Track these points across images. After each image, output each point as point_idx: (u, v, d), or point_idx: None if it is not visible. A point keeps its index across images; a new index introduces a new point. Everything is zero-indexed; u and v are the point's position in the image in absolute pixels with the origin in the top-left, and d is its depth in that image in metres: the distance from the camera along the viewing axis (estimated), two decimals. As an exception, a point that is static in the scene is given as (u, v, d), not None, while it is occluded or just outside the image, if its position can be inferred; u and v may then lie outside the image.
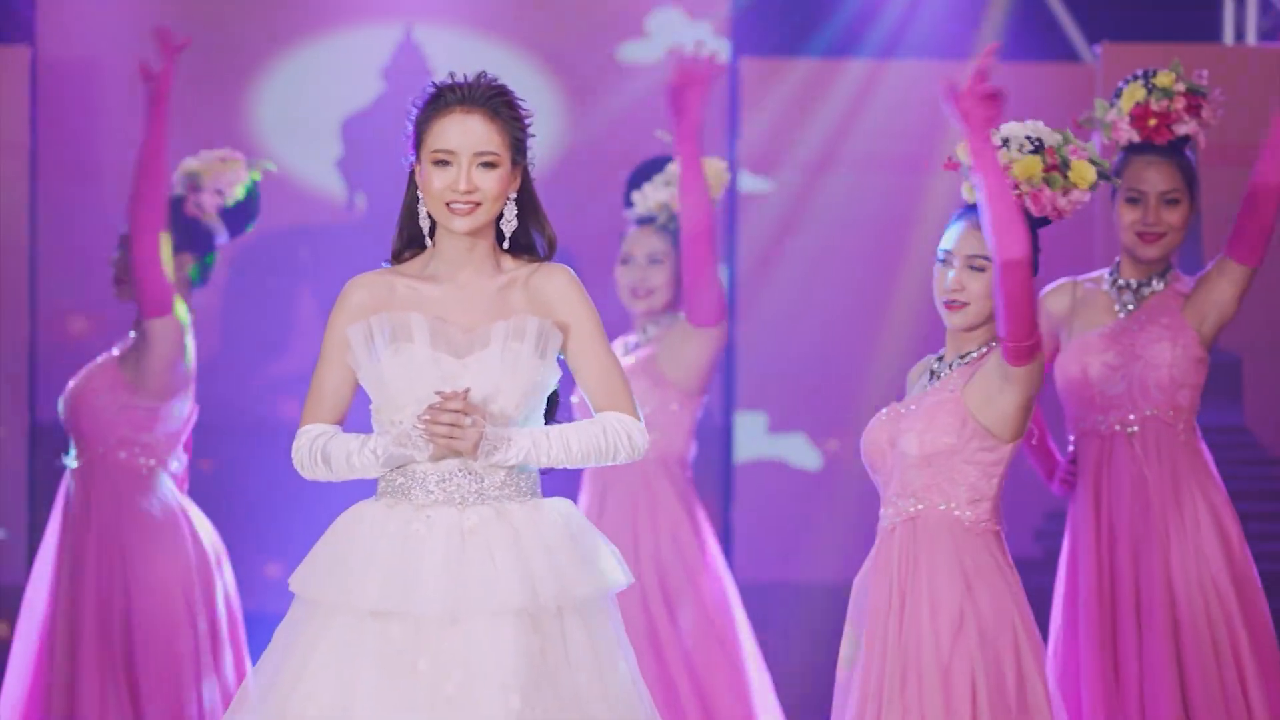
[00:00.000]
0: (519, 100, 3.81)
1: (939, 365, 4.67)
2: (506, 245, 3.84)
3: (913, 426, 4.55)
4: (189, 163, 5.83)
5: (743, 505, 6.89)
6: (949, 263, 4.56)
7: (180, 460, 5.78)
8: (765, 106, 7.98)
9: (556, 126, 7.91)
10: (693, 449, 5.79)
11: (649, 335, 5.81)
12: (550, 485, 3.85)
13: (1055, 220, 4.47)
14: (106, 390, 5.67)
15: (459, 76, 3.80)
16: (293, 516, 6.84)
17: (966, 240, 4.55)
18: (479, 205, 3.77)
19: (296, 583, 3.81)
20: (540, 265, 3.87)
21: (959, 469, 4.50)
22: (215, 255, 5.85)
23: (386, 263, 3.91)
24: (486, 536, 3.73)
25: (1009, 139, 4.43)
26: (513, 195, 3.80)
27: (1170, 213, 5.34)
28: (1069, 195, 4.39)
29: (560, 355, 3.84)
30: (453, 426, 3.65)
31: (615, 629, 3.77)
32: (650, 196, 5.57)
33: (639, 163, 5.95)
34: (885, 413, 4.67)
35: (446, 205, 3.78)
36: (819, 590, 6.45)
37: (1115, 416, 5.38)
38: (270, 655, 3.81)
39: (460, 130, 3.74)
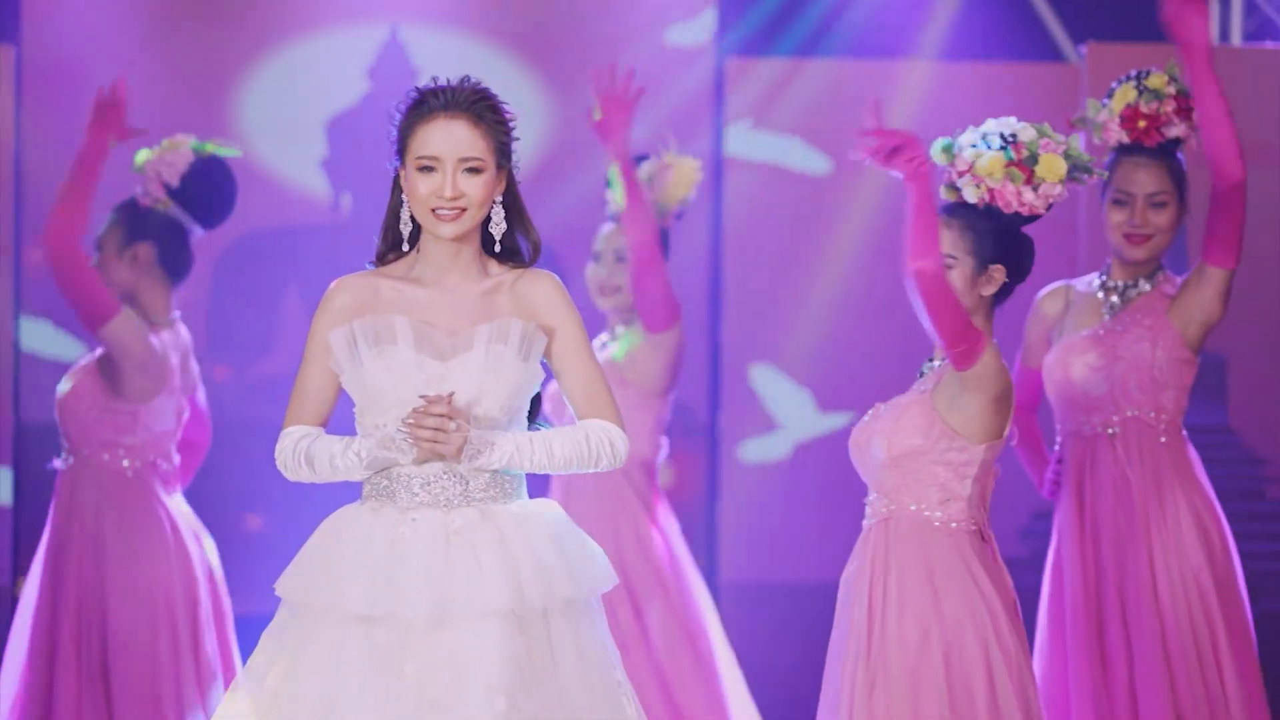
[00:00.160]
0: (503, 104, 3.81)
1: (927, 365, 4.68)
2: (498, 248, 3.85)
3: (882, 428, 4.57)
4: (141, 153, 5.79)
5: (737, 504, 6.91)
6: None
7: (171, 461, 5.74)
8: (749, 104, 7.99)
9: (544, 126, 7.91)
10: (661, 449, 5.77)
11: (616, 335, 5.81)
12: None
13: (1028, 214, 4.48)
14: (88, 394, 5.65)
15: (442, 80, 3.80)
16: (279, 518, 6.84)
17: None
18: (464, 211, 3.77)
19: (282, 587, 3.81)
20: (526, 270, 3.87)
21: (928, 470, 4.50)
22: (188, 249, 5.78)
23: (371, 264, 3.91)
24: (472, 538, 3.73)
25: (987, 134, 4.47)
26: (498, 199, 3.80)
27: (1158, 215, 5.34)
28: (1039, 190, 4.40)
29: (544, 360, 3.85)
30: (437, 430, 3.65)
31: (601, 630, 3.77)
32: (621, 197, 5.57)
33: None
34: (870, 413, 4.68)
35: (432, 211, 3.78)
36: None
37: (1098, 418, 5.38)
38: (257, 659, 3.81)
39: (444, 136, 3.74)
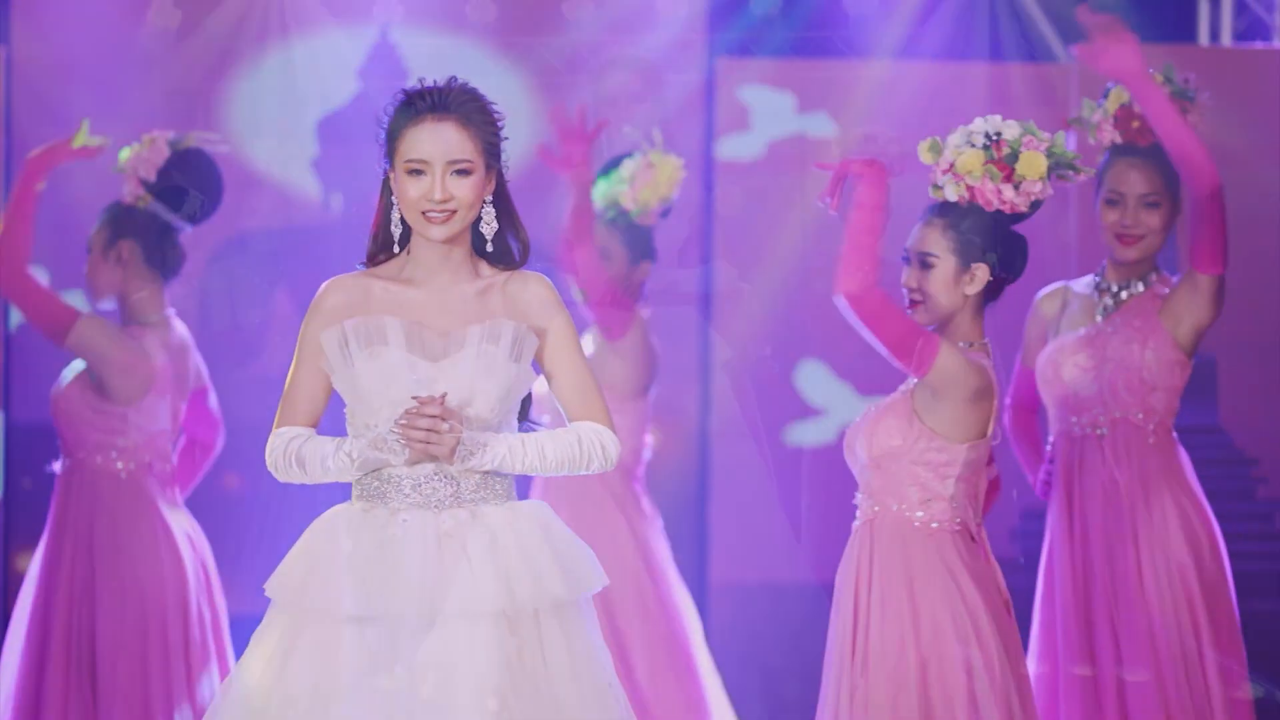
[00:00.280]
0: (491, 104, 3.81)
1: None
2: (490, 248, 3.84)
3: (863, 429, 4.58)
4: (122, 152, 5.79)
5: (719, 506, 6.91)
6: (909, 260, 4.61)
7: (169, 462, 5.72)
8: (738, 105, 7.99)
9: (535, 127, 7.91)
10: (643, 450, 5.74)
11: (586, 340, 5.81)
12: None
13: (1010, 212, 4.49)
14: (78, 396, 5.64)
15: (429, 82, 3.80)
16: (269, 517, 6.82)
17: (917, 237, 4.58)
18: (454, 213, 3.76)
19: (273, 587, 3.81)
20: (517, 272, 3.87)
21: (908, 470, 4.50)
22: (174, 244, 5.77)
23: (362, 265, 3.91)
24: (463, 539, 3.73)
25: (972, 133, 4.48)
26: (488, 199, 3.80)
27: (1150, 215, 5.34)
28: (1019, 187, 4.41)
29: (534, 361, 3.85)
30: (430, 431, 3.65)
31: (592, 631, 3.78)
32: (603, 193, 5.56)
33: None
34: (862, 413, 4.69)
35: (423, 214, 3.78)
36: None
37: (1087, 419, 5.39)
38: (248, 659, 3.81)
39: (432, 139, 3.73)
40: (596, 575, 3.79)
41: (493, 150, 3.79)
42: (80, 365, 5.72)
